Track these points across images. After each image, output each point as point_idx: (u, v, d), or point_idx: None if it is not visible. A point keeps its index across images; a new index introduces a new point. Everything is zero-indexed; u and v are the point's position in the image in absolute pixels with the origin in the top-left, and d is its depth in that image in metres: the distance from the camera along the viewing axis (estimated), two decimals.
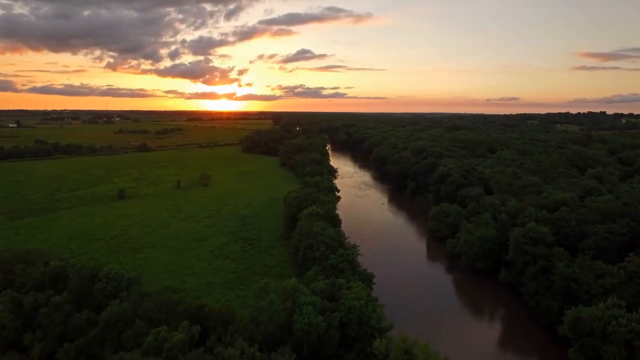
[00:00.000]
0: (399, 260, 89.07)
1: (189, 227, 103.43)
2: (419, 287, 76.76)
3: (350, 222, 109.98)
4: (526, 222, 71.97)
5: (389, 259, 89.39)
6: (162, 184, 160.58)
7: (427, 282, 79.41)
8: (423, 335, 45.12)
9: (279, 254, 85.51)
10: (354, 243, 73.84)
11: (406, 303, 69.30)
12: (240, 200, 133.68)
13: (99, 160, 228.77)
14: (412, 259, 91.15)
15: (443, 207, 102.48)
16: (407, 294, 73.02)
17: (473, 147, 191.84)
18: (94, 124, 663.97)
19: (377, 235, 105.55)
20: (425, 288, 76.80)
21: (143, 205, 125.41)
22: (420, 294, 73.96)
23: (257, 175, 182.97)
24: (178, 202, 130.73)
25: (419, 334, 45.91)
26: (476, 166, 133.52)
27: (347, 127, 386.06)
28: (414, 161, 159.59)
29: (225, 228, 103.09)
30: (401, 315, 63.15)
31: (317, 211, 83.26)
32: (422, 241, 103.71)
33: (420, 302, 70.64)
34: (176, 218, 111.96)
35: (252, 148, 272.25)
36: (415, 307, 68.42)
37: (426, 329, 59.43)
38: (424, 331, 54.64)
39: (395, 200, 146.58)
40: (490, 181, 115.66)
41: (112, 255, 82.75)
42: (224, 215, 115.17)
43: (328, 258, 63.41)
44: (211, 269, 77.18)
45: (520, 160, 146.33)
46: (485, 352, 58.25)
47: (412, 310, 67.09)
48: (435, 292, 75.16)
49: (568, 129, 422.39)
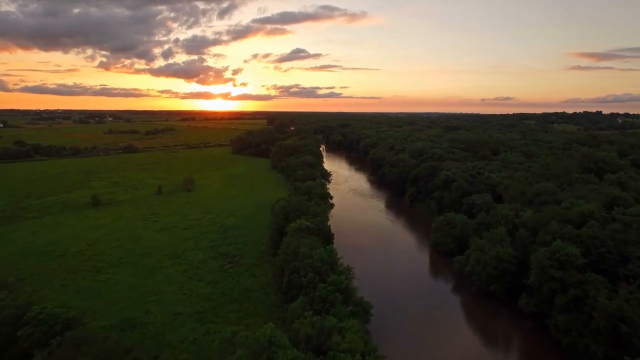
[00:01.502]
0: (398, 277, 78.27)
1: (163, 241, 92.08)
2: (422, 311, 65.92)
3: (344, 232, 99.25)
4: (549, 240, 61.64)
5: (388, 276, 78.59)
6: (142, 189, 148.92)
7: (432, 303, 68.49)
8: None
9: (262, 274, 74.46)
10: (348, 265, 62.96)
11: (408, 329, 58.63)
12: (224, 207, 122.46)
13: (81, 163, 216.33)
14: (414, 276, 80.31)
15: (448, 217, 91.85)
16: (409, 319, 62.29)
17: (475, 149, 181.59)
18: (85, 123, 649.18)
19: (373, 247, 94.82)
20: (430, 312, 65.97)
21: (117, 214, 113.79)
22: (424, 319, 63.16)
23: (246, 179, 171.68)
24: (156, 210, 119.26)
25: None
26: (481, 170, 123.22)
27: (343, 127, 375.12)
28: (413, 164, 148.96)
29: (204, 241, 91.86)
30: (403, 345, 52.48)
31: (306, 225, 72.34)
32: (425, 254, 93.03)
33: (425, 329, 59.90)
34: (151, 229, 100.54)
35: (243, 149, 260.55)
36: (419, 335, 57.69)
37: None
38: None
39: (394, 206, 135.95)
40: (499, 187, 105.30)
41: (68, 278, 71.30)
42: (205, 225, 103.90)
43: (317, 287, 52.58)
44: (182, 295, 65.98)
45: (528, 163, 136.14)
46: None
47: (416, 337, 56.34)
48: (442, 318, 64.35)
49: (566, 129, 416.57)
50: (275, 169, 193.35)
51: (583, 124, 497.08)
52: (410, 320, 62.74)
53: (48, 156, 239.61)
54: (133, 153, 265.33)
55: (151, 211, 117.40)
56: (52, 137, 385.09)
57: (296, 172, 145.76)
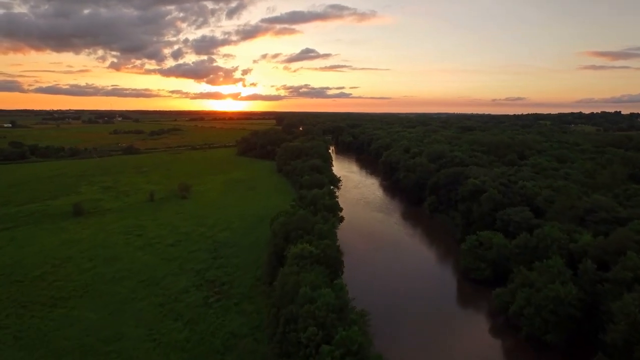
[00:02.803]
0: (423, 313, 63.41)
1: (143, 262, 78.51)
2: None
3: (355, 250, 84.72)
4: (630, 279, 46.49)
5: (409, 310, 63.82)
6: (134, 195, 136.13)
7: (468, 350, 53.45)
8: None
9: (254, 310, 60.22)
10: (363, 310, 48.39)
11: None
12: (220, 218, 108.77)
13: (76, 165, 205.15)
14: (443, 314, 65.28)
15: (481, 236, 76.58)
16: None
17: (498, 152, 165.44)
18: (94, 123, 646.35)
19: (390, 270, 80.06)
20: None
21: (98, 226, 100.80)
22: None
23: (248, 184, 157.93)
24: (143, 221, 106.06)
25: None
26: (511, 177, 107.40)
27: (353, 127, 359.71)
28: (432, 169, 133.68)
29: (190, 263, 78.03)
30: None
31: (309, 251, 57.91)
32: (452, 281, 77.91)
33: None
34: (132, 246, 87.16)
35: (247, 151, 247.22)
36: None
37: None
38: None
39: (411, 217, 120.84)
40: (537, 199, 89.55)
41: (13, 314, 57.91)
42: (195, 241, 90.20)
43: (320, 350, 38.15)
44: (149, 342, 52.02)
45: (564, 169, 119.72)
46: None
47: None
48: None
49: (585, 130, 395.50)
50: (280, 172, 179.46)
51: (602, 125, 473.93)
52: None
53: (45, 157, 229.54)
54: (134, 154, 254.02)
55: (137, 222, 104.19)
56: (58, 137, 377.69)
57: (302, 177, 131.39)
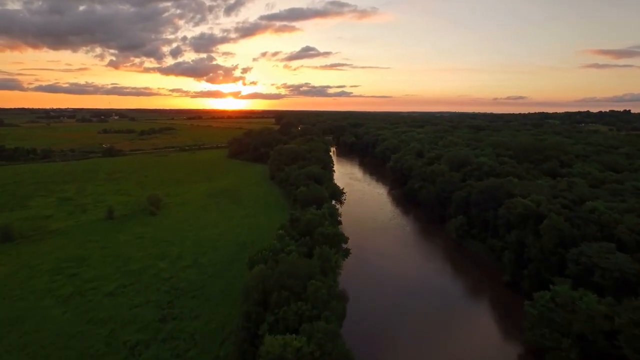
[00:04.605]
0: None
1: (58, 325, 53.59)
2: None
3: (365, 304, 59.90)
4: None
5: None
6: (92, 211, 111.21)
7: None
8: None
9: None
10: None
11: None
12: (190, 245, 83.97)
13: (41, 169, 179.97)
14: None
15: (556, 292, 51.50)
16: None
17: (529, 157, 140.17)
18: (88, 122, 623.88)
19: (414, 337, 55.28)
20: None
21: (23, 260, 75.98)
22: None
23: (234, 195, 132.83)
24: (89, 250, 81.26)
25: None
26: (564, 192, 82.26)
27: (355, 127, 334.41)
28: (456, 179, 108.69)
29: (126, 329, 53.09)
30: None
31: (295, 349, 33.01)
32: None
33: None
34: (55, 295, 62.29)
35: (239, 153, 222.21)
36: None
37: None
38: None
39: (433, 244, 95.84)
40: (618, 228, 64.61)
41: None
42: (145, 286, 65.25)
43: None
44: None
45: (630, 182, 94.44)
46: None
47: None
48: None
49: (600, 129, 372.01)
50: (273, 180, 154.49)
51: (614, 124, 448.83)
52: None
53: (10, 160, 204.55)
54: (113, 157, 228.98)
55: (79, 253, 79.33)
56: (44, 136, 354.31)
57: (297, 188, 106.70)
